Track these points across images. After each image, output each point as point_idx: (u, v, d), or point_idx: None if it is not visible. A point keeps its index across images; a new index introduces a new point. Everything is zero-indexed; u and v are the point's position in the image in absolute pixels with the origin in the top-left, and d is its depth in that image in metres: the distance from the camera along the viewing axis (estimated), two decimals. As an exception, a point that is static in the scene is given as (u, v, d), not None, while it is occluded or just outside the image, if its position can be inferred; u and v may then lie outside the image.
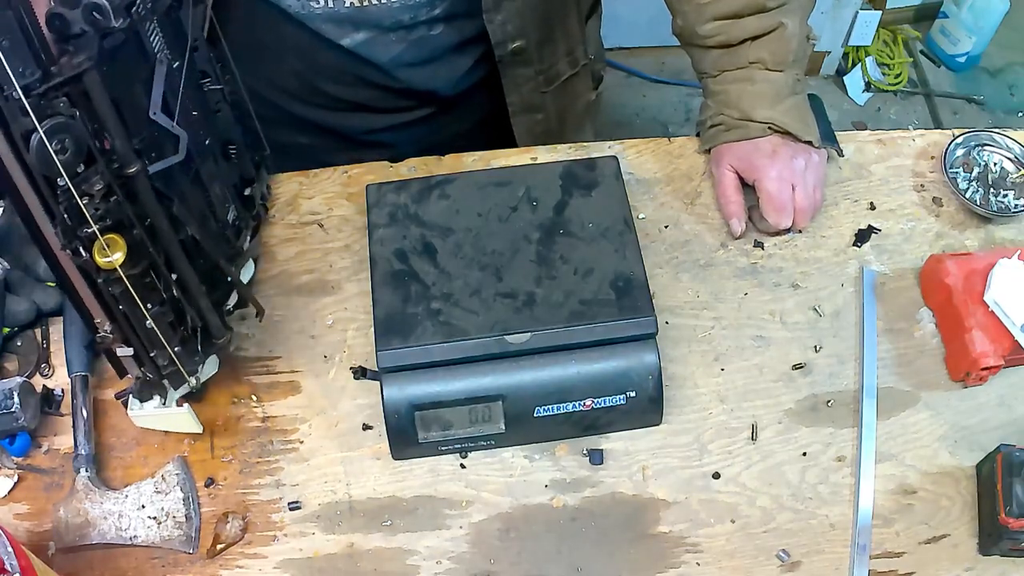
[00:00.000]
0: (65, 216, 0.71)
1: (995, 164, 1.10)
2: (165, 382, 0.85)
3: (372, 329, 0.88)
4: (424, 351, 0.86)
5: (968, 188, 1.08)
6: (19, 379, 0.89)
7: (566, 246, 0.92)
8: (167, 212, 0.79)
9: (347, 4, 1.03)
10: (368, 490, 0.90)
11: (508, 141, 1.19)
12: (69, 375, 0.92)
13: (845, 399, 0.95)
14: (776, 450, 0.92)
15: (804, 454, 0.92)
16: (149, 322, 0.79)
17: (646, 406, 0.90)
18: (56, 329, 0.97)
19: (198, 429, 0.90)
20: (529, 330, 0.86)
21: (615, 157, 0.99)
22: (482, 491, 0.90)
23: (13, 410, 0.87)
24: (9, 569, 0.70)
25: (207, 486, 0.89)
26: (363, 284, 0.99)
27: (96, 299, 0.78)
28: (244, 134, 0.98)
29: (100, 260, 0.74)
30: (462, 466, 0.91)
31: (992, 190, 1.09)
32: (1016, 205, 1.07)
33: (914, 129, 1.15)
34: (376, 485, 0.90)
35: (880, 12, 2.51)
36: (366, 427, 0.93)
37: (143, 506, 0.87)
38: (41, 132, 0.66)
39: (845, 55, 2.60)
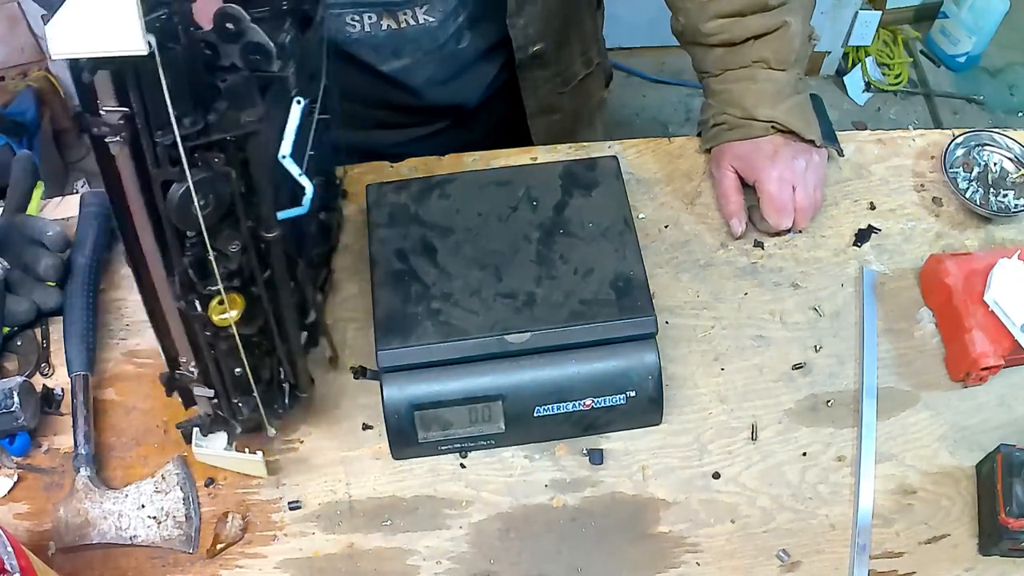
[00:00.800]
0: (189, 271, 0.68)
1: (995, 164, 1.10)
2: (235, 424, 0.84)
3: (372, 329, 0.88)
4: (424, 351, 0.86)
5: (968, 188, 1.08)
6: (19, 379, 0.89)
7: (566, 246, 0.92)
8: (290, 272, 0.76)
9: (384, 27, 1.02)
10: (368, 490, 0.90)
11: (524, 144, 1.19)
12: (69, 375, 0.92)
13: (845, 399, 0.95)
14: (776, 450, 0.92)
15: (804, 454, 0.92)
16: (239, 370, 0.77)
17: (646, 406, 0.90)
18: (56, 329, 0.97)
19: (264, 474, 0.89)
20: (529, 330, 0.86)
21: (615, 157, 0.99)
22: (482, 491, 0.90)
23: (13, 410, 0.87)
24: (9, 569, 0.69)
25: (207, 486, 0.89)
26: (363, 284, 0.99)
27: (190, 343, 0.76)
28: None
29: (216, 318, 0.72)
30: (462, 466, 0.91)
31: (992, 190, 1.09)
32: (1016, 205, 1.07)
33: (914, 129, 1.15)
34: (376, 485, 0.90)
35: (880, 12, 2.51)
36: (366, 427, 0.93)
37: (143, 506, 0.87)
38: (191, 185, 0.62)
39: (845, 55, 2.60)
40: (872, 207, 1.08)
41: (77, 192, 1.05)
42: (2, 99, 2.24)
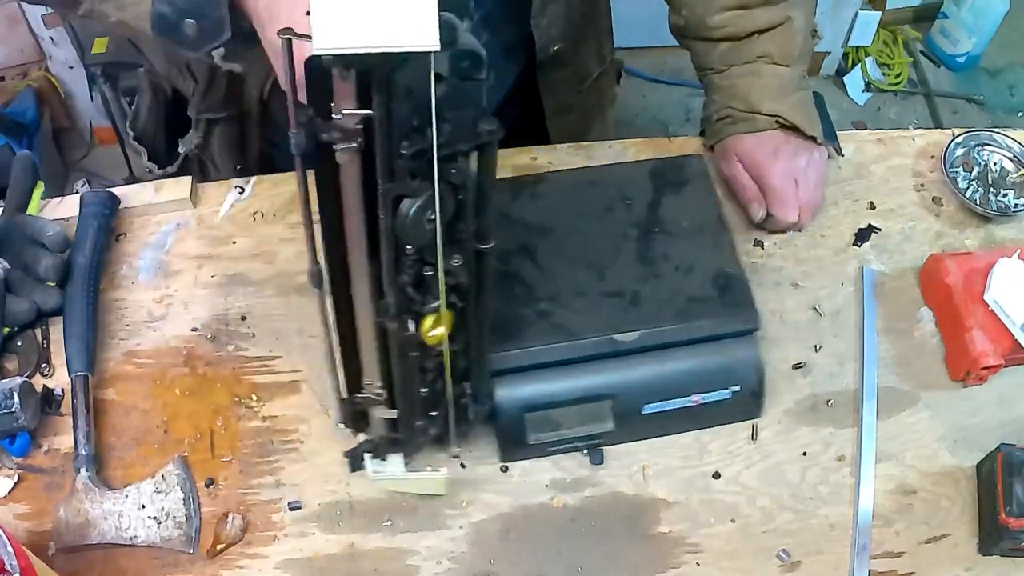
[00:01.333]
0: (408, 289, 0.66)
1: (995, 164, 1.10)
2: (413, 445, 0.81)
3: None
4: (535, 352, 0.85)
5: (968, 188, 1.08)
6: (19, 379, 0.89)
7: (664, 244, 0.91)
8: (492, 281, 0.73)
9: None
10: (368, 490, 0.89)
11: (540, 143, 1.18)
12: (69, 375, 0.92)
13: (845, 399, 0.95)
14: (776, 450, 0.92)
15: (804, 454, 0.92)
16: (425, 390, 0.75)
17: (749, 400, 0.90)
18: (56, 329, 0.97)
19: (444, 491, 0.88)
20: (637, 328, 0.86)
21: (701, 155, 0.98)
22: (482, 491, 0.90)
23: (13, 410, 0.87)
24: (9, 569, 0.69)
25: (207, 486, 0.89)
26: (363, 284, 0.99)
27: (380, 364, 0.73)
28: None
29: (428, 336, 0.69)
30: (462, 466, 0.91)
31: (992, 189, 1.09)
32: (1016, 204, 1.08)
33: (914, 129, 1.15)
34: (376, 485, 0.90)
35: (880, 12, 2.52)
36: (366, 427, 0.93)
37: (143, 506, 0.87)
38: (437, 199, 0.59)
39: (845, 55, 2.60)
40: (872, 207, 1.08)
41: (77, 192, 1.05)
42: (2, 99, 2.25)
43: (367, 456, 0.84)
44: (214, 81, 1.07)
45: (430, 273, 0.66)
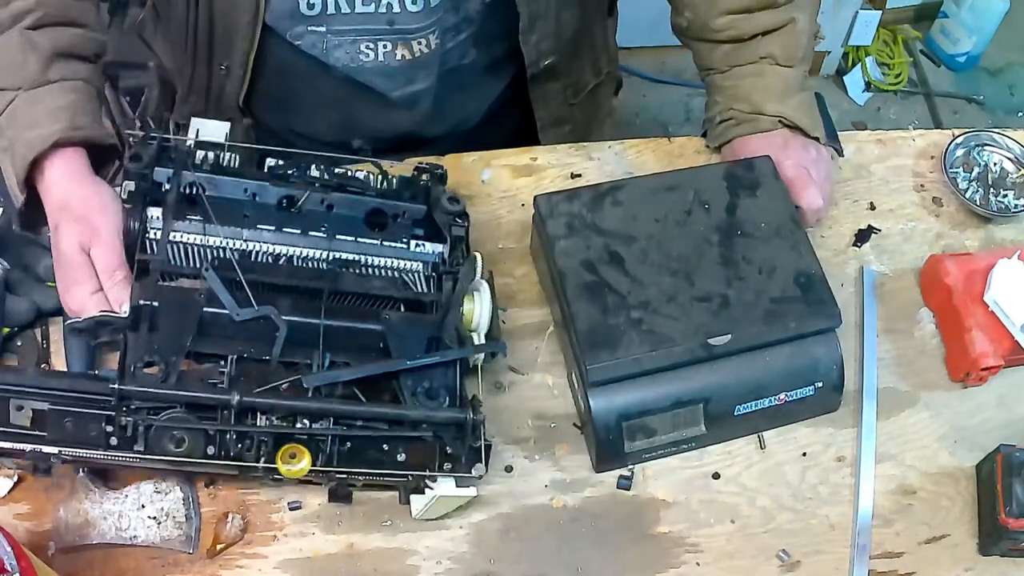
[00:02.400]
0: (240, 469, 0.75)
1: (995, 164, 1.10)
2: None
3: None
4: (632, 362, 0.86)
5: (968, 188, 1.09)
6: (19, 379, 0.89)
7: (746, 246, 0.92)
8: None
9: (398, 57, 1.01)
10: (368, 490, 0.89)
11: None
12: (69, 375, 0.92)
13: (845, 399, 0.94)
14: (776, 450, 0.92)
15: (804, 454, 0.92)
16: (401, 456, 0.78)
17: (830, 395, 0.91)
18: (56, 329, 0.96)
19: (475, 494, 0.85)
20: (729, 331, 0.86)
21: (768, 157, 0.98)
22: (482, 491, 0.89)
23: (13, 410, 0.87)
24: (9, 569, 0.69)
25: (207, 486, 0.89)
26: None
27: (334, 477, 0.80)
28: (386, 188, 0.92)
29: (296, 473, 0.74)
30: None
31: (992, 190, 1.09)
32: (1016, 205, 1.08)
33: (914, 129, 1.15)
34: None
35: (880, 12, 2.51)
36: (366, 427, 0.92)
37: (143, 506, 0.87)
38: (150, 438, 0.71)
39: (845, 55, 2.60)
40: (872, 207, 1.08)
41: (77, 192, 1.05)
42: (2, 99, 2.24)
43: (412, 497, 0.85)
44: (192, 84, 1.07)
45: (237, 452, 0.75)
